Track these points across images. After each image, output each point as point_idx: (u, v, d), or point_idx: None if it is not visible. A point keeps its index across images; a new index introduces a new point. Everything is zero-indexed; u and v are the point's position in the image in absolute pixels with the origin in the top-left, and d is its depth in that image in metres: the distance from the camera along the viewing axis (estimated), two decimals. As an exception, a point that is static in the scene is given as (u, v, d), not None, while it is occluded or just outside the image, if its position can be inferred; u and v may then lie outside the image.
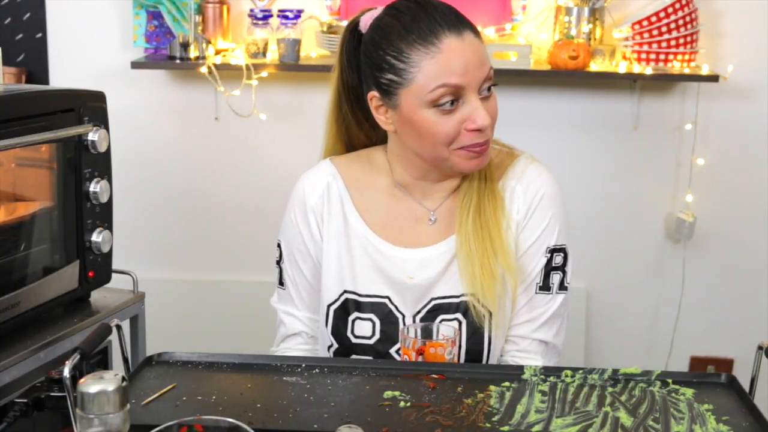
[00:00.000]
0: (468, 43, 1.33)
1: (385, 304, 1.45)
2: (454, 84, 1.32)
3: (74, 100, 1.75)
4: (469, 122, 1.34)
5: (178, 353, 1.34)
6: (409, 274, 1.45)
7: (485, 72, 1.34)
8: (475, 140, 1.35)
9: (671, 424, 1.14)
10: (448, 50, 1.32)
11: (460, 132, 1.35)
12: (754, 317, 2.87)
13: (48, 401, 1.13)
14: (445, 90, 1.32)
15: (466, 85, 1.32)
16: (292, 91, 2.83)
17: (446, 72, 1.32)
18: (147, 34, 2.76)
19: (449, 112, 1.33)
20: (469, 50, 1.33)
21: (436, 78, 1.32)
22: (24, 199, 1.78)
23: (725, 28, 2.73)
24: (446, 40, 1.32)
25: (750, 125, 2.78)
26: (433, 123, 1.34)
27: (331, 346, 1.47)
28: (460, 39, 1.33)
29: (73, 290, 1.80)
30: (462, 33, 1.33)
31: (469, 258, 1.42)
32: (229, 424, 0.94)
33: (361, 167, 1.51)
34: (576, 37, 2.64)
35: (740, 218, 2.85)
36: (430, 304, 1.44)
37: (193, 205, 2.92)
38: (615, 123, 2.80)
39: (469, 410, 1.17)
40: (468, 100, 1.34)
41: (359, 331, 1.45)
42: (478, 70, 1.33)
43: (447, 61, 1.32)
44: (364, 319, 1.45)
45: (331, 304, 1.47)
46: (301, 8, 2.68)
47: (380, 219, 1.48)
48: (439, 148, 1.37)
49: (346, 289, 1.46)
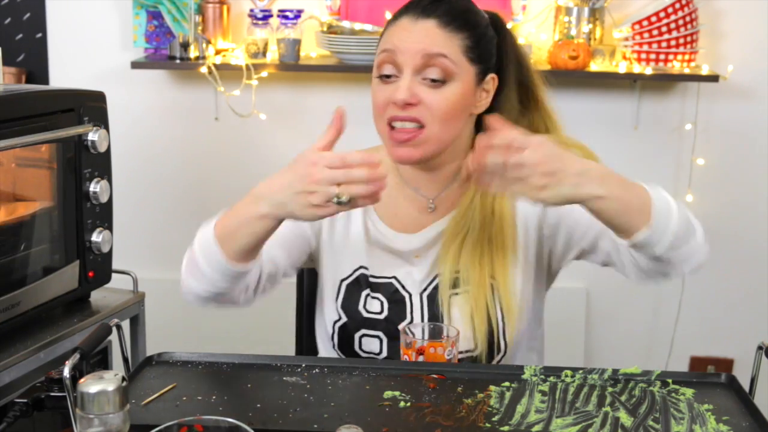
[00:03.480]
0: (421, 26, 1.39)
1: (391, 284, 1.48)
2: (389, 49, 1.40)
3: (74, 100, 1.75)
4: (392, 94, 1.39)
5: (178, 353, 1.34)
6: (415, 253, 1.49)
7: (422, 50, 1.37)
8: (393, 112, 1.39)
9: (671, 424, 1.14)
10: (399, 25, 1.42)
11: (388, 105, 1.40)
12: (754, 317, 2.87)
13: (48, 401, 1.13)
14: (384, 56, 1.40)
15: (398, 54, 1.38)
16: (292, 91, 2.83)
17: (388, 40, 1.41)
18: (147, 34, 2.76)
19: (386, 82, 1.41)
20: (417, 31, 1.39)
21: (382, 45, 1.43)
22: (24, 199, 1.78)
23: (725, 28, 2.73)
24: (403, 18, 1.42)
25: (750, 125, 2.78)
26: (373, 90, 1.43)
27: (337, 321, 1.49)
28: (414, 21, 1.40)
29: (73, 290, 1.80)
30: (419, 17, 1.40)
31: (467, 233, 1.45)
32: (229, 424, 0.94)
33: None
34: (576, 37, 2.64)
35: (740, 218, 2.85)
36: (435, 280, 1.47)
37: (194, 205, 2.92)
38: (615, 123, 2.80)
39: (469, 410, 1.17)
40: (403, 76, 1.39)
41: (371, 307, 1.48)
42: (414, 45, 1.38)
43: (393, 32, 1.41)
44: (374, 297, 1.48)
45: (345, 279, 1.50)
46: (301, 8, 2.68)
47: (386, 208, 1.51)
48: (378, 120, 1.43)
49: (362, 264, 1.49)
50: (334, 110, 1.26)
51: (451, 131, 1.42)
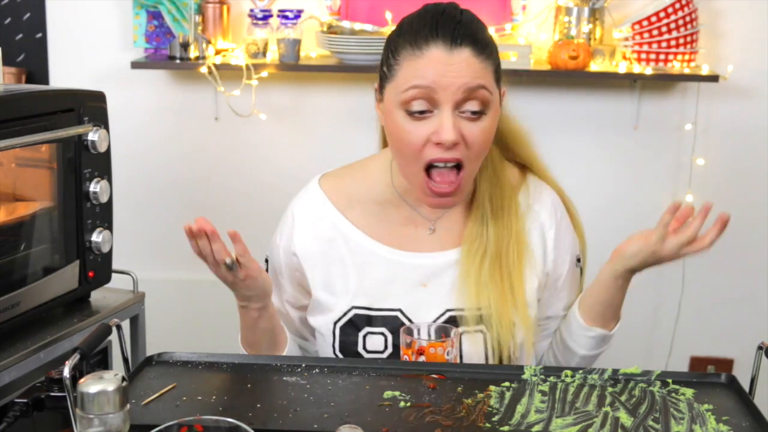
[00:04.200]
0: (456, 57, 1.29)
1: (397, 317, 1.43)
2: (424, 85, 1.28)
3: (74, 100, 1.75)
4: (435, 134, 1.30)
5: (178, 353, 1.34)
6: (422, 281, 1.43)
7: (464, 84, 1.28)
8: (435, 154, 1.30)
9: (671, 424, 1.14)
10: (429, 56, 1.29)
11: (426, 145, 1.31)
12: (754, 317, 2.87)
13: (48, 401, 1.13)
14: (416, 92, 1.29)
15: (438, 91, 1.28)
16: (292, 91, 2.83)
17: (420, 74, 1.29)
18: (147, 34, 2.76)
19: (419, 119, 1.30)
20: (453, 63, 1.29)
21: (410, 78, 1.30)
22: (24, 199, 1.78)
23: (725, 28, 2.73)
24: (433, 48, 1.29)
25: (750, 125, 2.78)
26: (402, 127, 1.32)
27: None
28: (448, 52, 1.29)
29: (73, 290, 1.80)
30: (453, 47, 1.29)
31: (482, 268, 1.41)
32: (229, 424, 0.94)
33: (352, 181, 1.49)
34: (576, 37, 2.64)
35: (740, 218, 2.83)
36: (445, 315, 1.42)
37: (193, 204, 2.92)
38: (615, 123, 2.80)
39: (469, 410, 1.17)
40: (441, 112, 1.29)
41: (372, 346, 1.43)
42: (456, 80, 1.28)
43: (425, 65, 1.29)
44: (375, 333, 1.43)
45: (337, 321, 1.44)
46: (301, 8, 2.68)
47: (380, 227, 1.46)
48: (408, 158, 1.34)
49: (354, 305, 1.44)
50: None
51: (481, 162, 1.37)
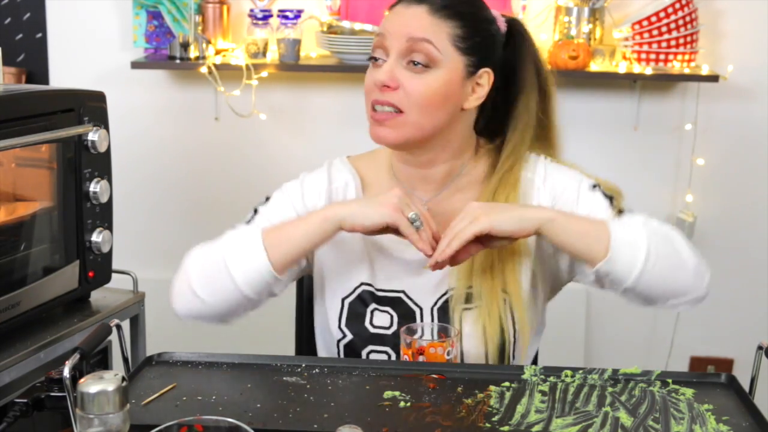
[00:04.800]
0: (411, 11, 1.40)
1: (401, 298, 1.46)
2: (379, 33, 1.42)
3: (74, 100, 1.75)
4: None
5: (178, 353, 1.34)
6: (422, 263, 1.45)
7: (407, 33, 1.38)
8: (375, 95, 1.39)
9: (671, 424, 1.14)
10: (393, 10, 1.44)
11: (374, 89, 1.40)
12: (754, 317, 2.87)
13: (48, 401, 1.13)
14: (376, 40, 1.42)
15: (387, 37, 1.40)
16: (292, 91, 2.83)
17: (382, 25, 1.43)
18: (147, 34, 2.76)
19: (375, 65, 1.42)
20: (406, 15, 1.40)
21: (378, 29, 1.45)
22: (24, 199, 1.78)
23: (725, 28, 2.73)
24: (399, 5, 1.43)
25: (750, 125, 2.78)
26: (366, 75, 1.44)
27: (341, 339, 1.47)
28: (406, 6, 1.41)
29: (73, 290, 1.80)
30: (411, 3, 1.41)
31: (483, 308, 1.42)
32: (229, 424, 0.94)
33: (368, 166, 1.55)
34: (576, 37, 2.64)
35: (740, 218, 2.85)
36: (446, 294, 1.45)
37: (193, 205, 2.92)
38: (615, 123, 2.80)
39: (469, 410, 1.17)
40: (388, 59, 1.40)
41: (378, 321, 1.45)
42: (402, 30, 1.39)
43: (387, 17, 1.44)
44: (382, 311, 1.46)
45: (346, 297, 1.47)
46: (301, 8, 2.68)
47: None
48: (366, 102, 1.43)
49: (363, 281, 1.47)
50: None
51: (433, 120, 1.40)
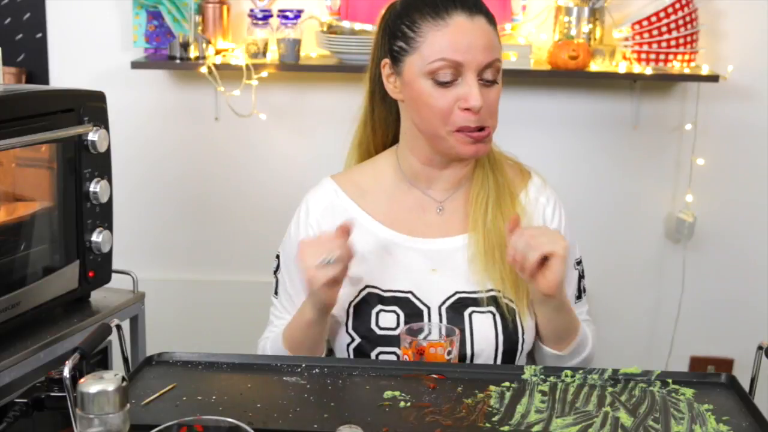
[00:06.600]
0: (478, 25, 1.37)
1: (408, 298, 1.45)
2: (453, 60, 1.35)
3: (74, 100, 1.75)
4: (462, 101, 1.37)
5: (178, 353, 1.34)
6: (432, 266, 1.46)
7: (488, 56, 1.37)
8: (467, 121, 1.37)
9: (671, 424, 1.14)
10: (455, 26, 1.36)
11: (453, 110, 1.38)
12: (754, 317, 2.87)
13: (48, 401, 1.13)
14: (444, 63, 1.36)
15: (465, 63, 1.35)
16: (292, 91, 2.83)
17: (449, 47, 1.36)
18: (147, 34, 2.75)
19: (445, 87, 1.37)
20: (477, 32, 1.37)
21: (438, 51, 1.36)
22: (24, 199, 1.78)
23: (725, 28, 2.73)
24: (456, 17, 1.37)
25: (750, 125, 2.78)
26: (429, 95, 1.38)
27: (350, 343, 1.46)
28: (470, 19, 1.37)
29: (73, 290, 1.80)
30: (473, 15, 1.37)
31: (489, 252, 1.43)
32: (229, 424, 0.94)
33: (362, 176, 1.55)
34: (576, 37, 2.64)
35: (740, 218, 2.85)
36: (454, 296, 1.45)
37: (193, 205, 2.92)
38: (615, 123, 2.80)
39: (469, 410, 1.17)
40: (465, 79, 1.37)
41: (384, 323, 1.45)
42: (481, 53, 1.36)
43: (452, 36, 1.36)
44: (387, 311, 1.45)
45: (352, 301, 1.47)
46: (301, 8, 2.68)
47: (389, 214, 1.50)
48: (435, 123, 1.40)
49: (368, 284, 1.47)
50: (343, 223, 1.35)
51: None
